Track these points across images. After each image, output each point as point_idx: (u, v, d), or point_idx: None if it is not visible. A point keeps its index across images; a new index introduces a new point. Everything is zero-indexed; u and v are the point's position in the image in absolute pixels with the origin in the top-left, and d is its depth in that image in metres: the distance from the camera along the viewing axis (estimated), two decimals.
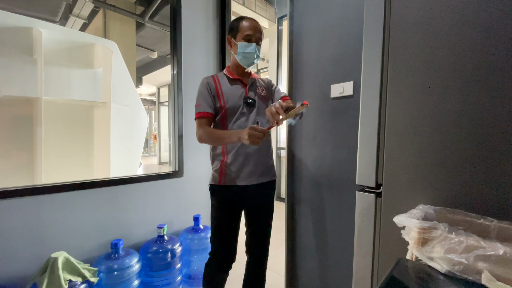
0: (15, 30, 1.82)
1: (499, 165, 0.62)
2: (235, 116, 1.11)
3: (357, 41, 1.13)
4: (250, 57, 1.10)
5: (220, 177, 1.12)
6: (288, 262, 1.50)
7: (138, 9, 4.42)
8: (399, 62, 0.78)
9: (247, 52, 1.09)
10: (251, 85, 1.17)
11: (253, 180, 1.13)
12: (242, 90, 1.14)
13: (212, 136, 1.07)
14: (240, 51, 1.10)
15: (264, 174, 1.17)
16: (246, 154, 1.12)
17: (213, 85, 1.13)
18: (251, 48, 1.09)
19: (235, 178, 1.11)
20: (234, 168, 1.11)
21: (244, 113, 1.12)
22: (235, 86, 1.14)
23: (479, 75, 0.65)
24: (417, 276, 0.50)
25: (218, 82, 1.14)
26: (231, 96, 1.11)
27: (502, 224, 0.56)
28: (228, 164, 1.12)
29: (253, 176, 1.13)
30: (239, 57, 1.11)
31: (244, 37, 1.08)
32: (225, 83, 1.14)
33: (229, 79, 1.15)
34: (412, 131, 0.76)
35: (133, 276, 1.33)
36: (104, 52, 2.28)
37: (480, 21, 0.64)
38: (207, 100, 1.10)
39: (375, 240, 0.84)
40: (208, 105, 1.10)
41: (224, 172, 1.12)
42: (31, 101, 1.87)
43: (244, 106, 1.12)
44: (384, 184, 0.82)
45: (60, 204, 1.30)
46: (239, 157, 1.11)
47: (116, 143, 2.26)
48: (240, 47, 1.09)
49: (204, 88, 1.12)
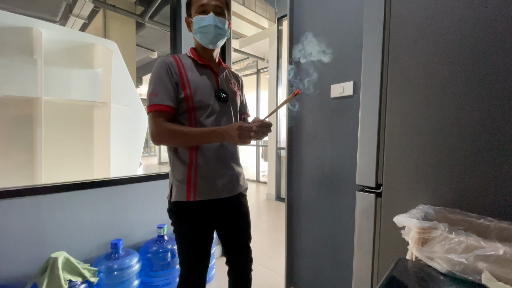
0: (15, 30, 1.82)
1: (499, 165, 0.62)
2: (206, 113, 0.87)
3: (357, 41, 1.13)
4: (208, 31, 0.86)
5: (188, 190, 0.86)
6: (288, 262, 1.50)
7: (138, 9, 4.42)
8: (399, 62, 0.78)
9: (204, 26, 0.86)
10: (223, 76, 0.96)
11: (229, 190, 0.91)
12: (213, 80, 0.92)
13: (179, 135, 0.81)
14: (195, 27, 0.88)
15: (239, 182, 0.97)
16: (220, 156, 0.90)
17: (175, 69, 0.86)
18: (207, 20, 0.85)
19: (209, 191, 0.87)
20: (208, 177, 0.87)
21: (215, 110, 0.89)
22: (204, 73, 0.91)
23: (479, 75, 0.65)
24: (417, 276, 0.50)
25: (182, 65, 0.88)
26: (199, 85, 0.87)
27: (502, 224, 0.56)
28: (199, 172, 0.87)
29: (227, 187, 0.91)
30: (197, 35, 0.89)
31: (197, 9, 0.86)
32: (190, 67, 0.89)
33: (196, 64, 0.91)
34: (412, 131, 0.76)
35: (133, 276, 1.33)
36: (104, 52, 2.28)
37: (480, 21, 0.64)
38: (167, 88, 0.83)
39: (375, 240, 0.84)
40: (169, 96, 0.83)
41: (194, 183, 0.86)
42: (31, 101, 1.87)
43: (216, 101, 0.89)
44: (384, 184, 0.82)
45: (60, 204, 1.30)
46: (213, 161, 0.88)
47: (116, 143, 2.26)
48: (195, 23, 0.87)
49: (164, 71, 0.84)
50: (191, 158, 0.87)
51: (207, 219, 0.89)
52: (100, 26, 4.57)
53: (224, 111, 0.92)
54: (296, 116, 1.43)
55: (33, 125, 1.88)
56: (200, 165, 0.87)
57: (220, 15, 0.88)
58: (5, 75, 1.77)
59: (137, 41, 5.17)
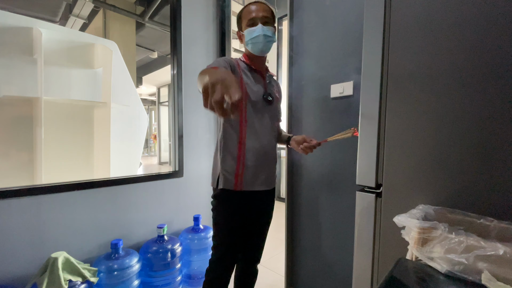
0: (15, 30, 1.82)
1: (499, 165, 0.62)
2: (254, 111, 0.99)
3: (357, 41, 1.13)
4: (258, 41, 0.96)
5: (236, 181, 0.99)
6: (288, 262, 1.50)
7: (138, 9, 4.42)
8: (399, 62, 0.78)
9: (254, 37, 0.95)
10: (269, 82, 1.08)
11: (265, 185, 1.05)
12: (262, 84, 1.04)
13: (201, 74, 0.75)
14: (247, 39, 0.97)
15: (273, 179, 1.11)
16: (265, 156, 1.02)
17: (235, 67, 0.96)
18: (257, 31, 0.94)
19: (253, 183, 1.01)
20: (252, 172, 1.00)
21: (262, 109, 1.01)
22: (255, 77, 1.03)
23: (479, 75, 0.65)
24: (417, 276, 0.50)
25: (239, 66, 0.99)
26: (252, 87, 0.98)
27: (502, 224, 0.56)
28: (247, 166, 0.99)
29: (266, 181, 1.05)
30: (248, 46, 0.99)
31: (247, 23, 0.96)
32: (244, 70, 1.00)
33: (249, 68, 1.02)
34: (412, 131, 0.76)
35: (133, 276, 1.33)
36: (104, 52, 2.28)
37: (480, 21, 0.64)
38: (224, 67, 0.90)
39: (375, 240, 0.84)
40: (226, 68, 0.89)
41: (242, 175, 0.99)
42: (31, 101, 1.87)
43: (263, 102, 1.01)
44: (384, 184, 0.82)
45: (60, 204, 1.30)
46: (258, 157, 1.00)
47: (116, 143, 2.26)
48: (246, 35, 0.97)
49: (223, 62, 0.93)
50: (240, 153, 0.99)
51: (246, 208, 1.02)
52: (100, 26, 4.57)
53: (268, 111, 1.04)
54: (296, 116, 1.43)
55: (33, 125, 1.88)
56: (247, 159, 0.99)
57: (267, 24, 0.97)
58: (5, 75, 1.77)
59: (137, 41, 5.17)
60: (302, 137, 1.05)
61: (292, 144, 1.10)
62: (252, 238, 1.14)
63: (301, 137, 1.06)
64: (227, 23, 2.05)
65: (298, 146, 1.04)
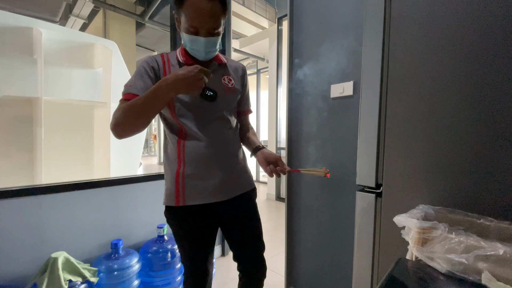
0: (15, 30, 1.82)
1: (499, 165, 0.62)
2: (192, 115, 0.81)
3: (357, 41, 1.13)
4: (199, 51, 0.80)
5: (177, 194, 0.81)
6: (288, 262, 1.50)
7: (138, 9, 4.43)
8: (399, 62, 0.78)
9: (194, 48, 0.79)
10: (214, 71, 0.86)
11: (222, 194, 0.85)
12: None
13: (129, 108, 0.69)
14: (185, 43, 0.80)
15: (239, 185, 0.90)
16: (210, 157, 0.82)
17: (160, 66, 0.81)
18: (198, 44, 0.77)
19: (199, 195, 0.81)
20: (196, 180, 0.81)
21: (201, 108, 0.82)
22: None
23: (479, 75, 0.65)
24: (417, 276, 0.50)
25: (168, 64, 0.82)
26: None
27: (502, 224, 0.56)
28: (186, 175, 0.81)
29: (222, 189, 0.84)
30: (186, 47, 0.81)
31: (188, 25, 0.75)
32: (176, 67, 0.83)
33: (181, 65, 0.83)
34: (412, 131, 0.76)
35: (133, 276, 1.33)
36: (104, 52, 2.28)
37: (480, 21, 0.64)
38: (144, 80, 0.76)
39: (375, 240, 0.84)
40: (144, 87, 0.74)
41: (182, 187, 0.81)
42: (31, 101, 1.87)
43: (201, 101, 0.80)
44: (384, 184, 0.82)
45: (60, 204, 1.30)
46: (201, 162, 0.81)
47: (116, 143, 2.26)
48: (185, 39, 0.79)
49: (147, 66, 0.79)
50: (179, 160, 0.81)
51: (201, 223, 0.85)
52: (100, 26, 4.57)
53: (215, 108, 0.83)
54: (296, 116, 1.43)
55: (33, 125, 1.88)
56: (187, 167, 0.81)
57: (212, 35, 0.77)
58: (5, 75, 1.77)
59: (137, 41, 5.17)
60: (275, 157, 0.90)
61: (259, 157, 0.93)
62: (245, 251, 0.95)
63: (274, 157, 0.91)
64: (227, 23, 2.05)
65: (267, 165, 0.89)
